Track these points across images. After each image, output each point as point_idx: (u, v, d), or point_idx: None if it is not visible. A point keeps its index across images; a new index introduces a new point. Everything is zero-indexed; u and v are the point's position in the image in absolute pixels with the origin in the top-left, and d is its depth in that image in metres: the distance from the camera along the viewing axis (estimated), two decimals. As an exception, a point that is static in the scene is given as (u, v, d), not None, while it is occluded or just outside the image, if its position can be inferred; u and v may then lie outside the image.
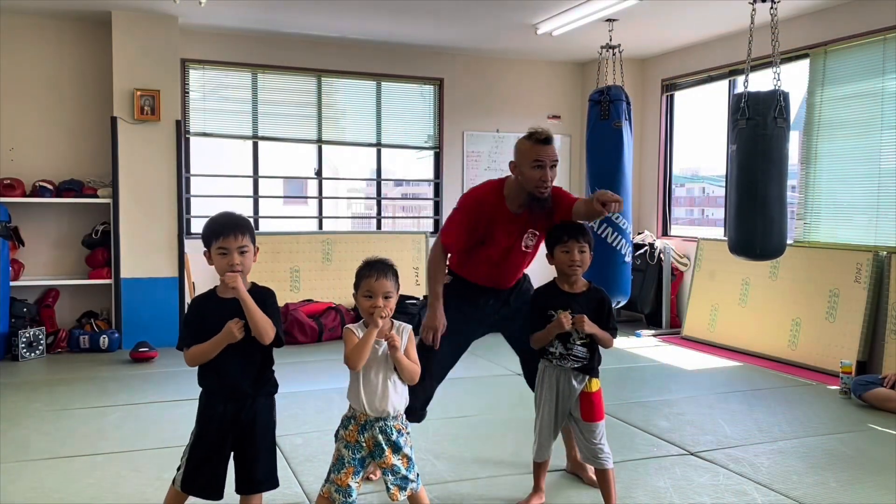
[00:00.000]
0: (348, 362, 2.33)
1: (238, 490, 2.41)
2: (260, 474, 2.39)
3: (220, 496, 2.40)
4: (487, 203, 2.99)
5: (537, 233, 3.04)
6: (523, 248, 3.06)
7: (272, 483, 2.43)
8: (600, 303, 2.81)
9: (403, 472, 2.40)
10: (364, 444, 2.39)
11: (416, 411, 2.98)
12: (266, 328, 2.30)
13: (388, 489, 2.41)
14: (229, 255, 2.31)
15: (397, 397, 2.41)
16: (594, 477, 3.00)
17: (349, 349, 2.33)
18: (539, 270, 3.15)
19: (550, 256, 2.84)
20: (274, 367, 2.46)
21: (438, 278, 3.06)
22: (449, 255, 3.10)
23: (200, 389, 2.43)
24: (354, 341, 2.34)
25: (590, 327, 2.69)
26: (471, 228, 2.99)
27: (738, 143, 4.15)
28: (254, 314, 2.28)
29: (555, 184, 2.99)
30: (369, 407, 2.37)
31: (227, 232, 2.32)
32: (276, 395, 2.47)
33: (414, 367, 2.40)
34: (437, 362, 3.04)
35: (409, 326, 2.45)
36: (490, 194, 3.01)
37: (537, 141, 2.91)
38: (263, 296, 2.37)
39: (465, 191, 3.25)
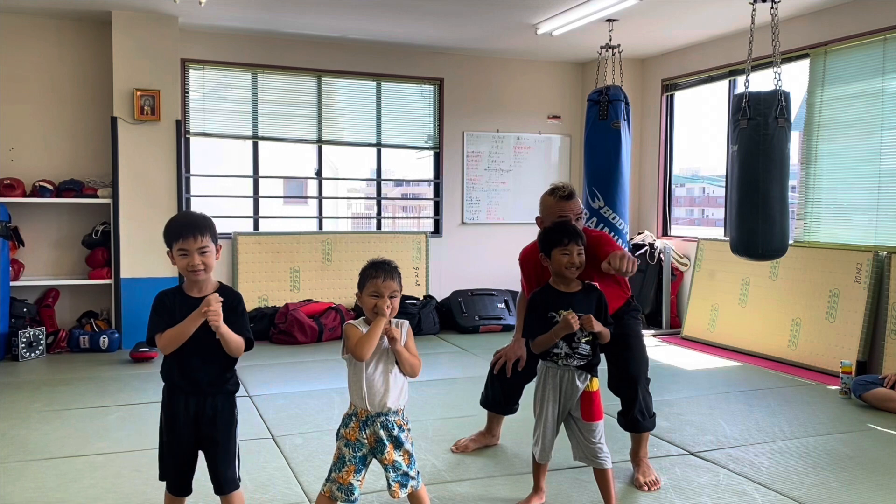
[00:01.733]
0: (356, 352, 2.32)
1: (215, 491, 2.42)
2: (222, 474, 2.39)
3: (187, 493, 2.45)
4: (530, 257, 3.29)
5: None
6: None
7: (233, 484, 2.41)
8: (598, 300, 2.84)
9: (405, 468, 2.41)
10: (365, 441, 2.40)
11: (499, 404, 3.53)
12: (239, 348, 2.32)
13: (388, 486, 2.41)
14: (189, 257, 2.29)
15: (398, 391, 2.42)
16: (641, 478, 3.16)
17: (356, 340, 2.33)
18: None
19: (547, 258, 2.84)
20: (237, 368, 2.45)
21: (521, 317, 3.42)
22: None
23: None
24: (358, 334, 2.35)
25: (597, 325, 2.71)
26: (528, 280, 3.37)
27: (740, 144, 4.14)
28: (228, 339, 2.28)
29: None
30: (370, 402, 2.38)
31: (187, 233, 2.29)
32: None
33: (414, 360, 2.41)
34: (517, 373, 3.44)
35: (407, 322, 2.48)
36: (532, 252, 3.25)
37: (560, 197, 3.16)
38: (233, 301, 2.34)
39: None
